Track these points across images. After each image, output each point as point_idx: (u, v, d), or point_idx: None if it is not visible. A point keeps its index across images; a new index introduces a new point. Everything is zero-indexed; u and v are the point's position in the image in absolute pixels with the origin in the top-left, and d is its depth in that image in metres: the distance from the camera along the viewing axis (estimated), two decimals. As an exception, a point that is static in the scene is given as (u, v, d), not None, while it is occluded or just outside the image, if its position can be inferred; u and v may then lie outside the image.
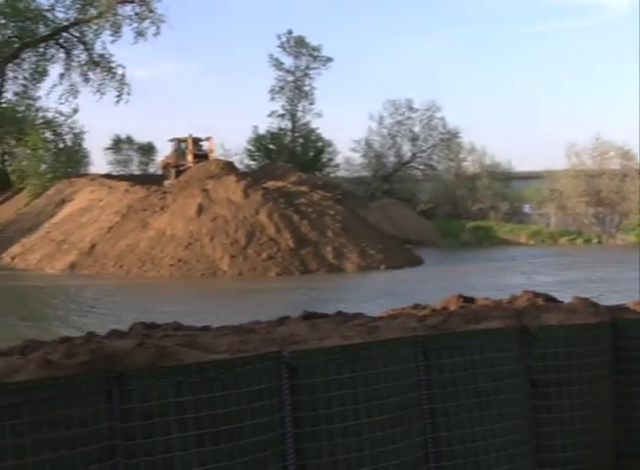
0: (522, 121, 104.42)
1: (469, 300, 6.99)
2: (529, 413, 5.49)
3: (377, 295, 25.96)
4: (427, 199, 57.04)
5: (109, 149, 62.89)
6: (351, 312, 6.69)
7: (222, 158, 49.88)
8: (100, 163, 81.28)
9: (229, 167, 43.08)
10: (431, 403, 5.11)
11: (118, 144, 63.01)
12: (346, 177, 60.71)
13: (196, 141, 48.44)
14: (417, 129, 61.15)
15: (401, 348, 5.02)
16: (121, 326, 6.13)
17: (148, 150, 62.90)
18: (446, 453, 5.12)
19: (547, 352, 5.54)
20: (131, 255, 34.68)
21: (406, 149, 61.47)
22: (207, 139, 48.92)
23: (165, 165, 49.61)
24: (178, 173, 45.53)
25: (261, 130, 63.42)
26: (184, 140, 48.42)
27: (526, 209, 53.71)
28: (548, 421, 5.52)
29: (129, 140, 63.14)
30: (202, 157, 46.75)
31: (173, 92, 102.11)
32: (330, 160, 63.89)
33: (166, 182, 45.50)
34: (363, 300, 24.26)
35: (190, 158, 47.09)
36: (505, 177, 55.93)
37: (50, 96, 55.57)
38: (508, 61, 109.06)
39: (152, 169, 61.08)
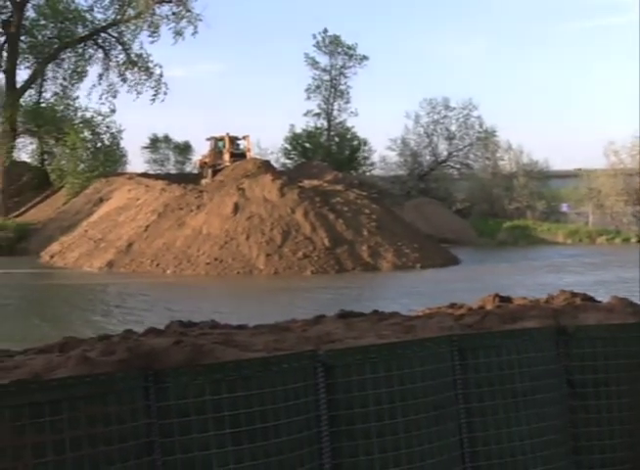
0: (560, 120, 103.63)
1: (505, 299, 6.95)
2: (567, 414, 5.44)
3: (413, 294, 25.88)
4: (463, 198, 56.74)
5: (146, 148, 63.34)
6: (387, 311, 6.68)
7: (258, 157, 50.02)
8: (137, 162, 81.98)
9: (266, 166, 43.14)
10: (467, 403, 5.08)
11: (156, 143, 63.42)
12: (382, 176, 60.59)
13: (233, 140, 48.54)
14: (453, 128, 60.91)
15: (437, 347, 5.00)
16: (157, 324, 6.18)
17: (184, 149, 63.23)
18: (482, 453, 5.09)
19: (585, 353, 5.48)
20: (168, 253, 34.90)
21: (442, 148, 61.27)
22: (245, 138, 49.01)
23: (203, 164, 49.77)
24: (215, 172, 45.68)
25: (297, 129, 63.60)
26: (221, 139, 48.52)
27: (564, 208, 53.21)
28: (586, 422, 5.47)
29: (166, 139, 63.53)
30: (239, 156, 46.83)
31: (210, 91, 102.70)
32: (365, 158, 63.85)
33: (203, 181, 45.68)
34: (399, 299, 24.20)
35: (227, 157, 47.17)
36: (542, 176, 55.45)
37: (88, 96, 56.24)
38: (545, 59, 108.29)
39: (188, 168, 61.42)
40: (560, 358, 5.45)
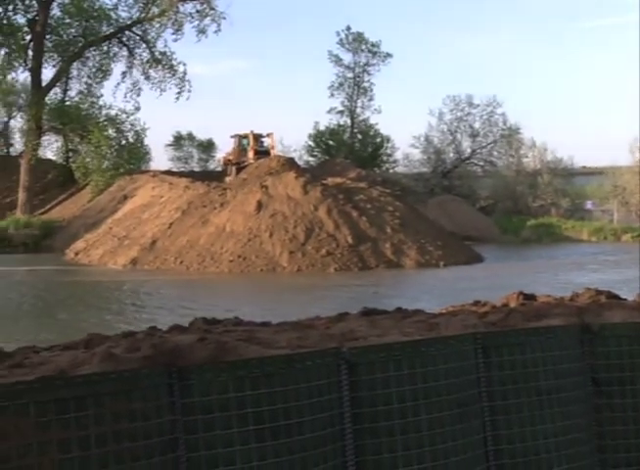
0: (584, 117, 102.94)
1: (529, 297, 6.92)
2: (592, 412, 5.41)
3: (436, 291, 25.82)
4: (486, 195, 56.56)
5: (170, 146, 63.64)
6: (411, 309, 6.67)
7: (282, 154, 50.04)
8: (161, 159, 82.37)
9: (290, 164, 43.08)
10: (490, 401, 5.07)
11: (179, 141, 63.68)
12: (405, 173, 60.53)
13: (257, 137, 48.56)
14: (477, 125, 60.69)
15: (461, 344, 4.99)
16: (181, 322, 6.20)
17: (207, 147, 63.44)
18: (506, 451, 5.07)
19: (610, 351, 5.45)
20: (191, 250, 35.04)
21: (466, 145, 61.06)
22: (269, 135, 49.01)
23: (227, 162, 49.86)
24: (239, 170, 45.73)
25: (320, 126, 63.63)
26: (245, 136, 48.58)
27: (589, 205, 52.88)
28: (611, 421, 5.43)
29: (190, 137, 63.76)
30: (263, 153, 46.83)
31: (233, 89, 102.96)
32: (389, 156, 63.80)
33: (227, 179, 45.78)
34: (422, 296, 24.17)
35: (251, 154, 47.20)
36: (567, 173, 55.14)
37: (113, 94, 56.54)
38: (569, 56, 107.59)
39: (212, 166, 61.63)
40: (585, 356, 5.42)
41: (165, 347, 4.33)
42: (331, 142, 62.53)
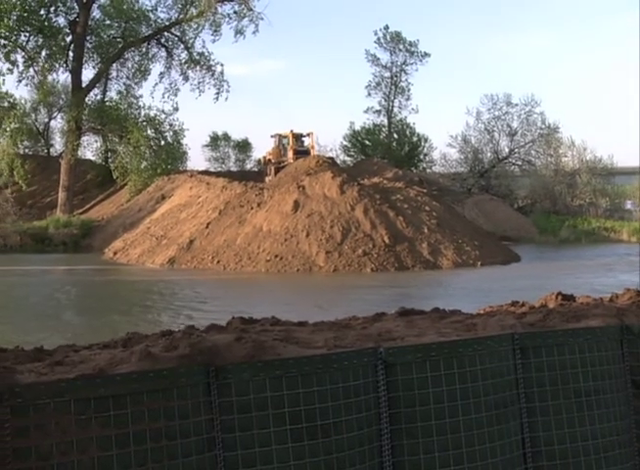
0: (625, 116, 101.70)
1: (568, 297, 6.86)
2: (632, 414, 5.35)
3: (474, 292, 25.69)
4: (524, 195, 56.13)
5: (206, 146, 63.97)
6: (448, 309, 6.65)
7: (321, 154, 49.97)
8: (198, 159, 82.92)
9: (330, 164, 42.80)
10: (528, 402, 5.03)
11: (216, 141, 64.00)
12: (443, 173, 60.30)
13: (297, 137, 48.47)
14: (515, 124, 60.20)
15: (499, 345, 4.96)
16: (218, 321, 6.22)
17: (243, 146, 63.68)
18: (545, 453, 5.03)
19: (651, 353, 5.38)
20: (228, 250, 35.18)
21: (504, 144, 60.61)
22: (309, 135, 48.77)
23: (266, 162, 49.88)
24: (278, 170, 45.70)
25: (357, 126, 63.58)
26: (285, 136, 48.54)
27: (628, 205, 52.23)
28: (651, 423, 5.37)
29: (226, 137, 64.05)
30: (302, 153, 46.61)
31: (270, 89, 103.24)
32: (426, 155, 63.58)
33: (267, 179, 45.82)
34: (459, 296, 24.05)
35: (290, 154, 47.11)
36: (606, 173, 54.52)
37: (151, 94, 57.03)
38: (609, 52, 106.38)
39: (248, 166, 61.86)
40: (625, 358, 5.36)
41: (203, 346, 4.35)
42: (367, 142, 62.47)
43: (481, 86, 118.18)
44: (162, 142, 53.00)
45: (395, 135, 63.53)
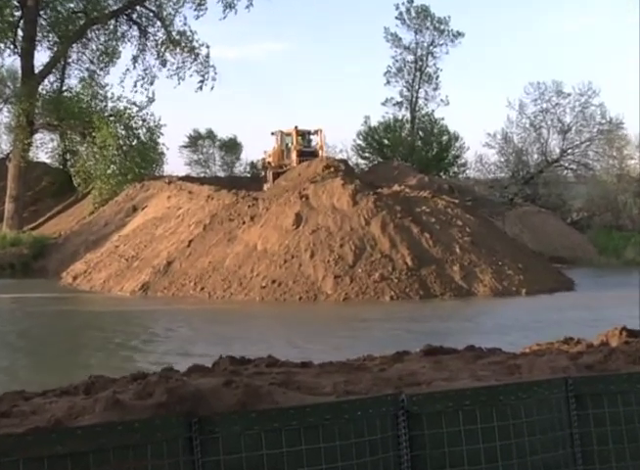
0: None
1: (635, 333, 6.85)
2: None
3: (517, 326, 25.63)
4: (580, 206, 56.13)
5: (186, 147, 64.09)
6: (485, 347, 6.64)
7: (332, 156, 49.85)
8: (177, 163, 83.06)
9: (343, 168, 42.52)
10: (586, 464, 5.01)
11: (197, 140, 64.17)
12: (478, 179, 60.38)
13: (302, 135, 48.40)
14: (568, 119, 60.30)
15: (549, 392, 4.95)
16: (202, 361, 6.23)
17: (231, 147, 63.79)
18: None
19: None
20: (215, 274, 35.19)
21: (554, 144, 60.73)
22: (316, 132, 48.64)
23: (266, 165, 49.86)
24: (277, 175, 45.61)
25: (373, 121, 63.71)
26: (288, 134, 48.47)
27: None
28: None
29: (210, 135, 64.18)
30: (308, 154, 46.40)
31: (266, 76, 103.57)
32: (457, 157, 63.71)
33: (266, 186, 45.83)
34: (499, 332, 24.00)
35: (294, 156, 47.04)
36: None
37: (121, 83, 57.00)
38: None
39: (238, 170, 61.99)
40: None
41: (184, 392, 4.35)
42: (386, 141, 62.61)
43: (526, 73, 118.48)
44: (134, 141, 53.03)
45: (420, 133, 63.68)
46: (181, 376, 5.40)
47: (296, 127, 47.92)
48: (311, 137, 48.91)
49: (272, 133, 49.57)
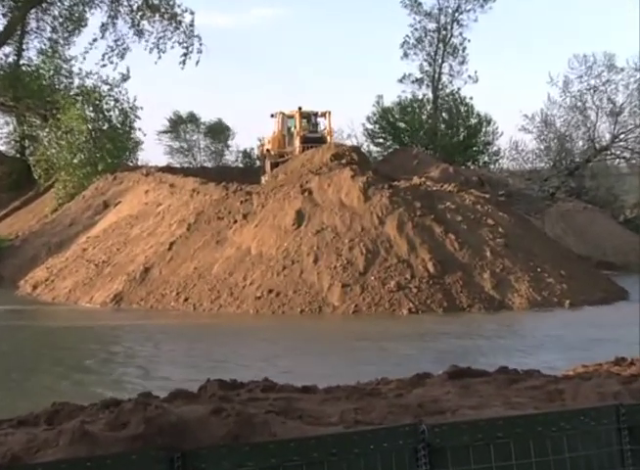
0: None
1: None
2: None
3: (559, 344, 25.64)
4: (634, 202, 56.04)
5: (165, 132, 64.06)
6: (521, 369, 6.64)
7: (341, 142, 49.71)
8: (155, 151, 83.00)
9: (356, 157, 42.40)
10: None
11: (178, 125, 64.15)
12: (513, 170, 60.26)
13: (307, 117, 48.30)
14: (620, 99, 60.15)
15: (597, 422, 4.95)
16: (186, 385, 6.24)
17: (219, 131, 63.76)
18: None
19: None
20: (201, 282, 35.19)
21: (604, 128, 60.57)
22: (324, 115, 48.43)
23: (264, 154, 49.76)
24: (275, 165, 45.49)
25: (387, 102, 63.69)
26: (291, 116, 48.36)
27: None
28: None
29: (192, 119, 64.14)
30: (315, 141, 46.23)
31: (261, 47, 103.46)
32: (489, 144, 63.67)
33: (264, 178, 45.79)
34: (538, 351, 23.98)
35: (298, 142, 46.92)
36: None
37: (87, 54, 56.82)
38: None
39: (229, 159, 61.99)
40: None
41: (165, 421, 4.36)
42: (402, 124, 62.59)
43: (571, 43, 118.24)
44: (105, 125, 52.98)
45: (444, 115, 63.69)
46: (161, 403, 5.40)
47: (299, 109, 47.79)
48: (318, 120, 48.82)
49: (272, 115, 49.52)
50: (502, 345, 26.79)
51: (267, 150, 49.04)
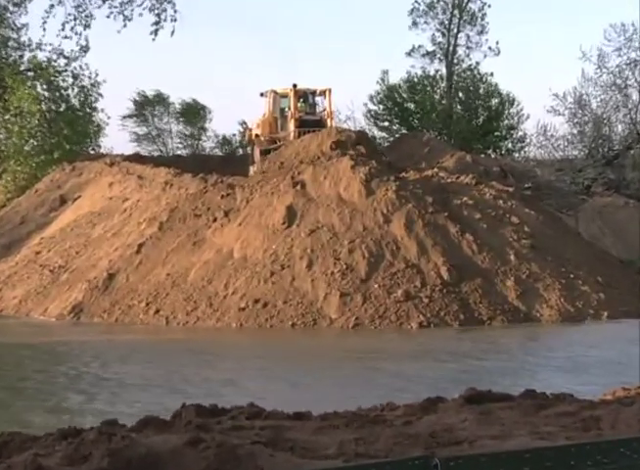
0: None
1: None
2: None
3: (595, 363, 25.64)
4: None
5: (130, 117, 63.94)
6: (550, 392, 6.65)
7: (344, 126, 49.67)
8: (120, 138, 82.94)
9: (364, 145, 42.27)
10: None
11: (144, 107, 64.05)
12: (541, 160, 60.26)
13: (303, 96, 48.16)
14: (666, 75, 60.27)
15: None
16: (158, 411, 6.25)
17: (192, 112, 63.69)
18: None
19: None
20: (175, 291, 35.17)
21: (646, 110, 60.68)
22: (323, 94, 48.20)
23: (253, 140, 49.63)
24: (267, 152, 45.28)
25: (394, 78, 63.71)
26: (284, 94, 48.25)
27: None
28: None
29: (160, 99, 64.00)
30: (312, 124, 46.07)
31: (244, 13, 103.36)
32: (512, 128, 63.71)
33: (252, 169, 45.73)
34: (571, 371, 23.99)
35: (292, 125, 46.79)
36: None
37: (42, 24, 56.68)
38: None
39: (208, 146, 61.98)
40: None
41: (132, 454, 4.36)
42: (411, 105, 62.61)
43: (607, 11, 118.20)
44: (62, 107, 52.89)
45: (461, 94, 63.75)
46: (128, 432, 5.41)
47: (294, 86, 47.58)
48: (316, 100, 48.76)
49: (261, 94, 49.46)
50: (528, 364, 26.81)
51: (256, 135, 48.93)
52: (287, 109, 47.77)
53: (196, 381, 23.79)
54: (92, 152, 52.51)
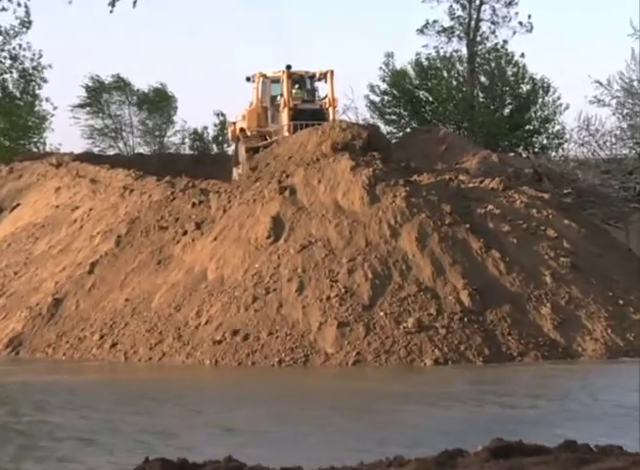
0: None
1: None
2: None
3: (648, 409, 25.75)
4: None
5: (80, 106, 64.04)
6: (594, 444, 6.70)
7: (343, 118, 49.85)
8: (69, 133, 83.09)
9: (376, 143, 42.36)
10: None
11: (99, 94, 64.11)
12: (583, 160, 60.38)
13: (299, 81, 48.10)
14: None
15: None
16: (119, 466, 6.32)
17: (156, 101, 63.76)
18: None
19: None
20: (135, 320, 35.26)
21: None
22: (324, 77, 47.86)
23: (237, 135, 49.53)
24: (253, 151, 45.09)
25: (401, 61, 63.94)
26: (276, 78, 48.11)
27: None
28: None
29: (119, 84, 64.10)
30: (311, 114, 45.97)
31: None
32: (547, 122, 63.86)
33: (236, 172, 45.83)
34: (620, 418, 24.07)
35: (285, 116, 46.64)
36: None
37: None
38: None
39: (173, 140, 62.17)
40: None
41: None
42: (425, 93, 62.81)
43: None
44: (-1, 94, 53.17)
45: (484, 79, 63.89)
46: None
47: (288, 68, 47.27)
48: (315, 85, 48.74)
49: (247, 79, 49.17)
50: (568, 410, 26.90)
51: (241, 129, 48.76)
52: (279, 96, 47.56)
53: (161, 430, 23.84)
54: (34, 150, 52.73)
